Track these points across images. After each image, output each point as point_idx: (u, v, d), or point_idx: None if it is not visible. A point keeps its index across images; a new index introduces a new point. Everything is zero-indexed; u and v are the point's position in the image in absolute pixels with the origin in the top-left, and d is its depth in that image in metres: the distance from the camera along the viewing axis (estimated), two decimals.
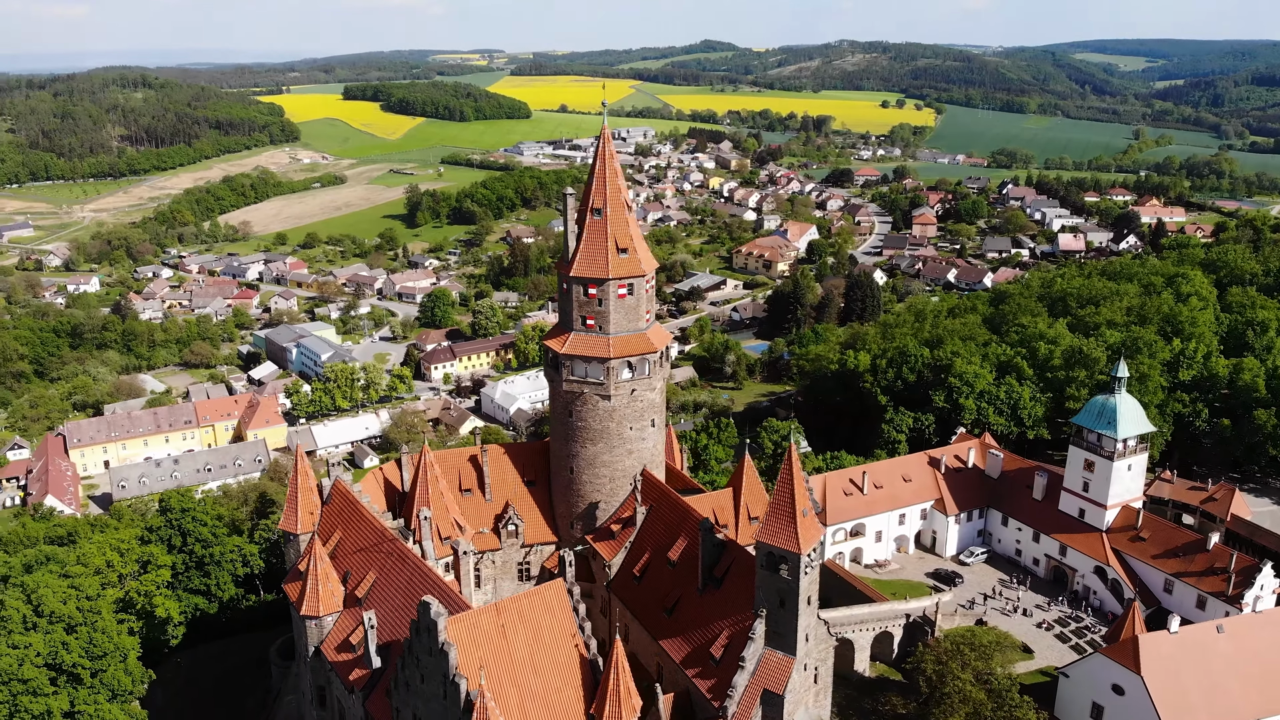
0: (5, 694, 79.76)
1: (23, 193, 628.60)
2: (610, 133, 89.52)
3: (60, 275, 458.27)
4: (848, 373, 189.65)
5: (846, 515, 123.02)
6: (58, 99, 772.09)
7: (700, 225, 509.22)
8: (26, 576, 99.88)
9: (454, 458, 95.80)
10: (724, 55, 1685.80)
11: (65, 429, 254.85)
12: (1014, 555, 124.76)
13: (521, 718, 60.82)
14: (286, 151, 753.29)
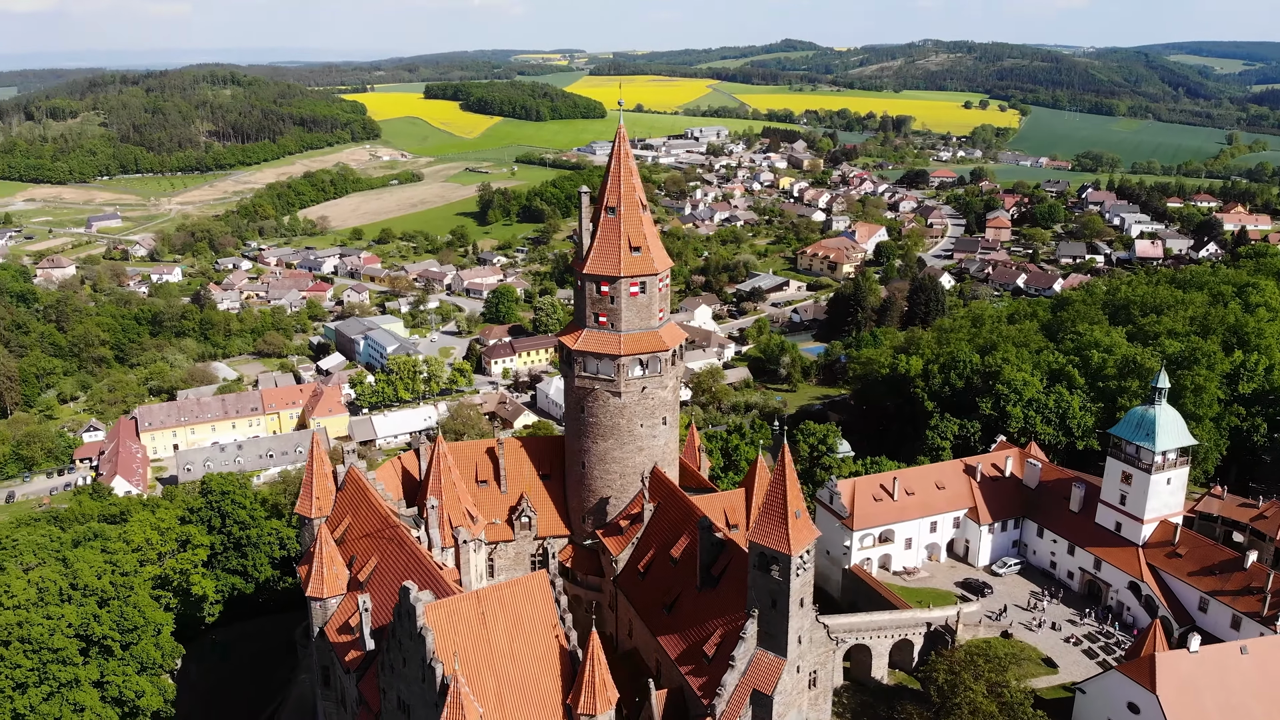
0: (35, 661, 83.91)
1: (113, 185, 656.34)
2: (624, 137, 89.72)
3: (145, 265, 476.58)
4: (899, 377, 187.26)
5: (875, 521, 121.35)
6: (150, 95, 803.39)
7: (767, 225, 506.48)
8: (69, 550, 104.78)
9: (472, 449, 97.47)
10: (804, 55, 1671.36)
11: (137, 412, 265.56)
12: (1048, 568, 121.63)
13: (498, 704, 61.91)
14: (367, 149, 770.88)
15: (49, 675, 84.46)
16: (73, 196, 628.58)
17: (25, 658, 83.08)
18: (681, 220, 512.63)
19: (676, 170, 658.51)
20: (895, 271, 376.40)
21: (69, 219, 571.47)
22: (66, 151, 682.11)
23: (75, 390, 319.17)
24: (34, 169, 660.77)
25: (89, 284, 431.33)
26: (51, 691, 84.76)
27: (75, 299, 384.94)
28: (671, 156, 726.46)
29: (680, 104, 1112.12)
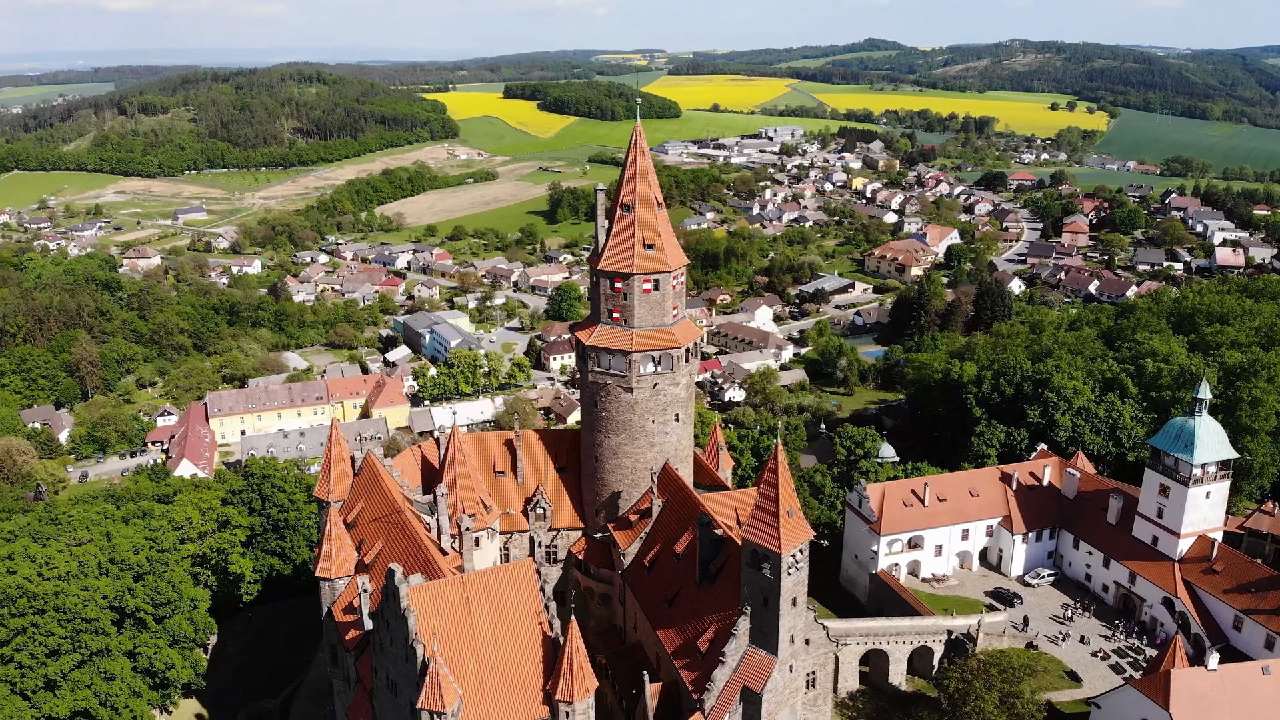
0: (68, 630, 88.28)
1: (200, 179, 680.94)
2: (641, 135, 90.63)
3: (226, 257, 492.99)
4: (951, 383, 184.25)
5: (903, 526, 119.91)
6: (239, 92, 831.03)
7: (837, 226, 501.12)
8: (113, 526, 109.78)
9: (491, 440, 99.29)
10: (887, 54, 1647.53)
11: (208, 398, 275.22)
12: (1083, 580, 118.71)
13: (479, 687, 63.28)
14: (445, 147, 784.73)
15: (81, 644, 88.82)
16: (161, 190, 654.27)
17: (59, 626, 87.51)
18: (749, 220, 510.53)
19: (747, 170, 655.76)
20: (965, 275, 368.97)
21: (157, 211, 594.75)
22: (157, 146, 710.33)
23: (154, 376, 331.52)
24: (125, 162, 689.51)
25: (172, 274, 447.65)
26: (83, 659, 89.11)
27: (158, 288, 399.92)
28: (744, 156, 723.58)
29: (757, 103, 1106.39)
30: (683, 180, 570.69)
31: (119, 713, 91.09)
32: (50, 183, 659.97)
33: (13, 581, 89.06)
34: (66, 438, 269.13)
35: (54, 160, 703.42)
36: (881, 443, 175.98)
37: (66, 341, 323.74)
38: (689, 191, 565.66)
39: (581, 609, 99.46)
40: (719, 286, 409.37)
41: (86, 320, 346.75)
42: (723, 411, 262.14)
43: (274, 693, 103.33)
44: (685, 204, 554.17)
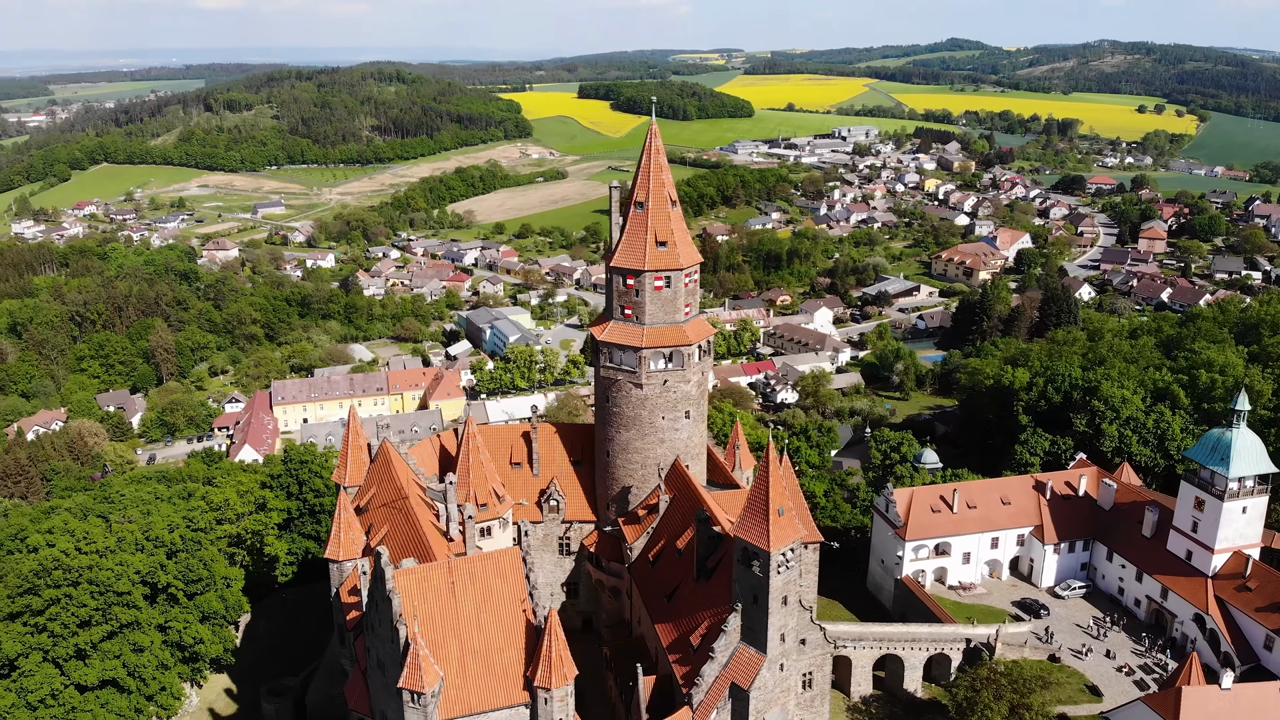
0: (100, 602, 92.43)
1: (280, 174, 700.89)
2: (656, 134, 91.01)
3: (301, 250, 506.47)
4: (1003, 389, 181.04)
5: (929, 532, 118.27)
6: (321, 90, 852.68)
7: (906, 228, 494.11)
8: (154, 505, 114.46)
9: (509, 433, 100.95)
10: (970, 54, 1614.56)
11: (272, 387, 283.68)
12: (1116, 594, 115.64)
13: (461, 671, 64.71)
14: (518, 146, 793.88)
15: (112, 616, 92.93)
16: (242, 184, 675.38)
17: (91, 598, 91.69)
18: (815, 220, 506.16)
19: (817, 170, 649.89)
20: (1034, 280, 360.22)
21: (237, 205, 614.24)
22: (240, 142, 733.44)
23: (226, 364, 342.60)
24: (209, 157, 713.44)
25: (249, 266, 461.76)
26: (113, 631, 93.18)
27: (234, 280, 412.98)
28: (815, 156, 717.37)
29: (833, 103, 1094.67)
30: (749, 180, 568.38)
31: (146, 683, 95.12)
32: (137, 176, 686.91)
33: (50, 554, 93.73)
34: (138, 421, 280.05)
35: (141, 154, 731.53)
36: (925, 448, 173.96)
37: (144, 329, 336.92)
38: (755, 191, 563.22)
39: (593, 601, 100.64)
40: (780, 287, 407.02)
41: (164, 309, 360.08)
42: (773, 413, 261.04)
43: (297, 671, 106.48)
44: (750, 204, 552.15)
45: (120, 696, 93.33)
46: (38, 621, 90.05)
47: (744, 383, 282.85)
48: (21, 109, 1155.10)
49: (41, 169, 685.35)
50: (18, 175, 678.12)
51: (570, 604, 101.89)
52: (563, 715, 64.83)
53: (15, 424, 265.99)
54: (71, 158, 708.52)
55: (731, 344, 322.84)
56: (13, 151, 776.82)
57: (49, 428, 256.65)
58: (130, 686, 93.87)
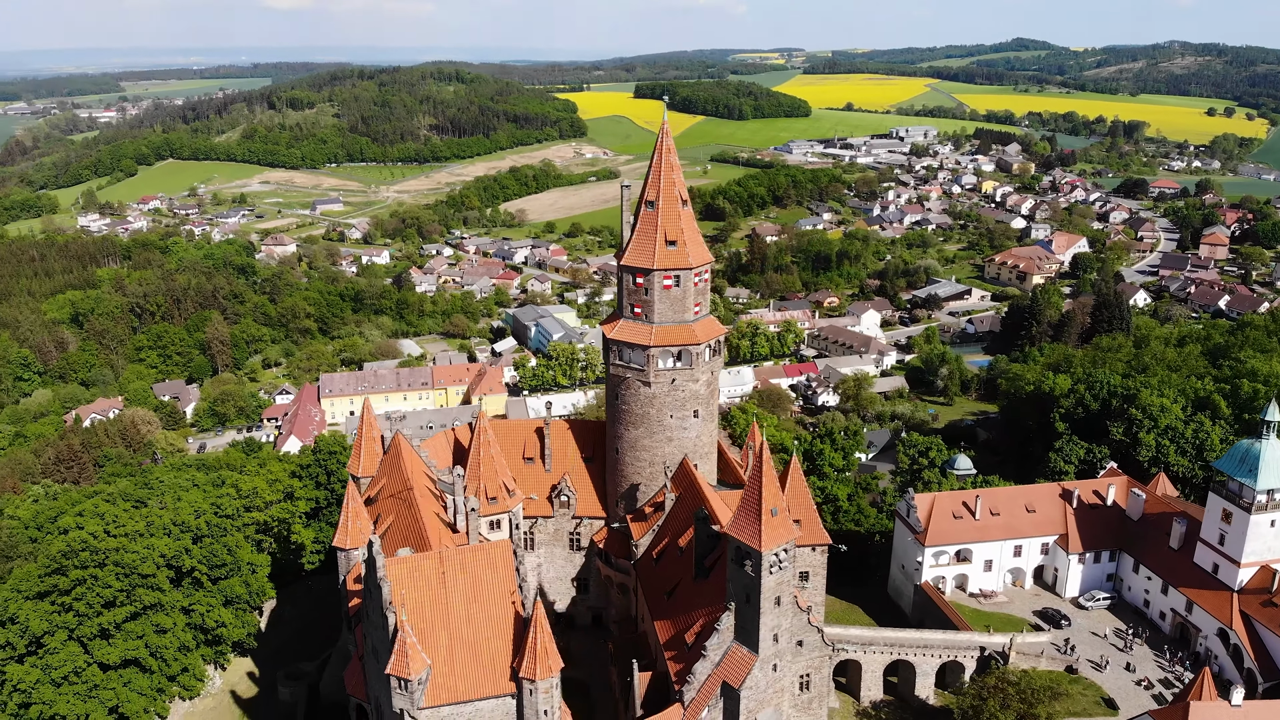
0: (124, 583, 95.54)
1: (339, 171, 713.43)
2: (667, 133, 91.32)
3: (357, 247, 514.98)
4: (1043, 396, 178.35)
5: (950, 538, 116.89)
6: (382, 89, 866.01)
7: (961, 230, 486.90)
8: (185, 491, 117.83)
9: (523, 427, 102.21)
10: (1036, 54, 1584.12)
11: (321, 379, 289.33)
12: (1141, 606, 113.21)
13: (449, 660, 65.78)
14: (573, 146, 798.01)
15: (136, 597, 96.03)
16: (303, 181, 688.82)
17: (116, 579, 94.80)
18: (868, 222, 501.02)
19: (872, 170, 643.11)
20: (1088, 285, 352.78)
21: (297, 201, 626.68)
22: (301, 139, 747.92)
23: (279, 357, 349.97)
24: (271, 154, 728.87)
25: (305, 262, 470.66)
26: (136, 612, 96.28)
27: (290, 274, 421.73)
28: (870, 156, 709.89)
29: (893, 103, 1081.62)
30: (801, 180, 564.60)
31: (168, 664, 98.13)
32: (201, 172, 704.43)
33: (78, 536, 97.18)
34: (191, 411, 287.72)
35: (206, 150, 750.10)
36: (958, 454, 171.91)
37: (201, 321, 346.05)
38: (806, 192, 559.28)
39: (603, 597, 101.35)
40: (828, 289, 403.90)
41: (221, 302, 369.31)
42: (812, 415, 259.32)
43: (316, 657, 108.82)
44: (802, 204, 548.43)
45: (142, 676, 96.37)
46: (64, 601, 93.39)
47: (785, 384, 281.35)
48: (93, 105, 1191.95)
49: (109, 164, 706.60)
50: (86, 170, 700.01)
51: (581, 599, 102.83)
52: (547, 707, 65.58)
53: (74, 411, 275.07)
54: (138, 153, 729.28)
55: (775, 345, 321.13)
56: (82, 146, 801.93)
57: (106, 415, 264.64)
58: (152, 666, 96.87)
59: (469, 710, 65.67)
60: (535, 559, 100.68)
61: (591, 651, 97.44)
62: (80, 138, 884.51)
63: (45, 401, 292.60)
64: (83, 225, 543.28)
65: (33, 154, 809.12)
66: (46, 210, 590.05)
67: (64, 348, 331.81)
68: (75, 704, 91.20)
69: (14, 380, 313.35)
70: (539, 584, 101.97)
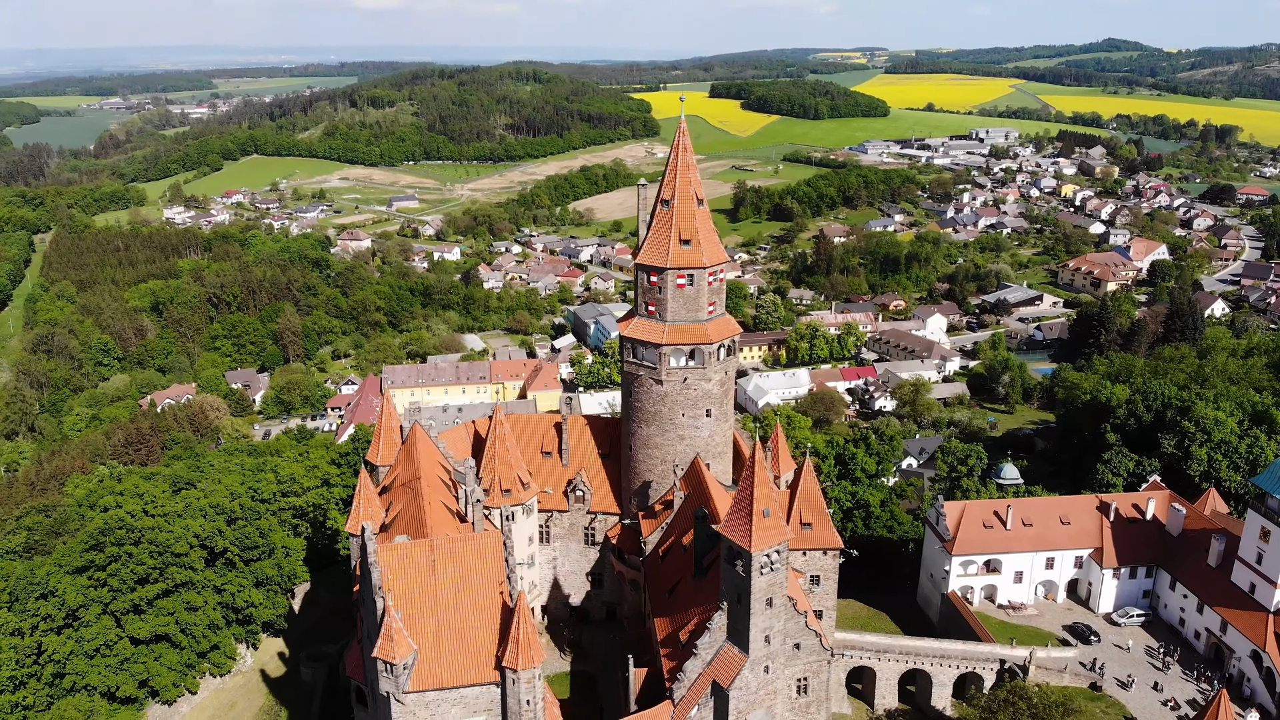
0: (158, 561, 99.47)
1: (416, 169, 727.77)
2: (684, 132, 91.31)
3: (430, 243, 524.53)
4: (1099, 405, 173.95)
5: (978, 548, 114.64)
6: (461, 89, 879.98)
7: (1037, 235, 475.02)
8: (226, 475, 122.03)
9: (542, 422, 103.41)
10: (1127, 55, 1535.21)
11: (384, 371, 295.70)
12: (1176, 624, 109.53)
13: (435, 646, 67.08)
14: (644, 146, 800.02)
15: (168, 575, 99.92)
16: (380, 178, 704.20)
17: (150, 557, 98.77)
18: (941, 224, 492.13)
19: (948, 172, 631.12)
20: (1164, 294, 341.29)
21: (374, 198, 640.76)
22: (380, 137, 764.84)
23: (349, 348, 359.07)
24: (350, 151, 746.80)
25: (379, 257, 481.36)
26: (168, 589, 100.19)
27: (362, 269, 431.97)
28: (948, 158, 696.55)
29: (976, 103, 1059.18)
30: (873, 181, 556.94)
31: (197, 640, 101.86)
32: (284, 167, 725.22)
33: (115, 515, 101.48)
34: (260, 399, 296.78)
35: (289, 147, 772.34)
36: (1005, 463, 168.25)
37: (275, 312, 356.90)
38: (878, 192, 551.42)
39: (617, 592, 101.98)
40: (895, 292, 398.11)
41: (294, 294, 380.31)
42: (867, 420, 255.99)
43: (341, 639, 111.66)
44: (873, 205, 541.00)
45: (172, 651, 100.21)
46: (100, 576, 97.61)
47: (842, 388, 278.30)
48: (186, 101, 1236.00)
49: (196, 158, 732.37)
50: (174, 164, 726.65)
51: (595, 594, 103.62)
52: (529, 697, 66.44)
53: (149, 396, 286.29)
54: (224, 148, 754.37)
55: (834, 348, 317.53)
56: (172, 141, 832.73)
57: (178, 401, 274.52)
58: (182, 642, 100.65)
59: (453, 697, 66.95)
60: (551, 552, 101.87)
61: (603, 646, 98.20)
62: (171, 133, 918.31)
63: (123, 386, 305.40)
64: (168, 217, 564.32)
65: (125, 148, 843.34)
66: (134, 202, 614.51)
67: (143, 335, 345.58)
68: (107, 675, 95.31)
69: (95, 365, 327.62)
70: (554, 577, 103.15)
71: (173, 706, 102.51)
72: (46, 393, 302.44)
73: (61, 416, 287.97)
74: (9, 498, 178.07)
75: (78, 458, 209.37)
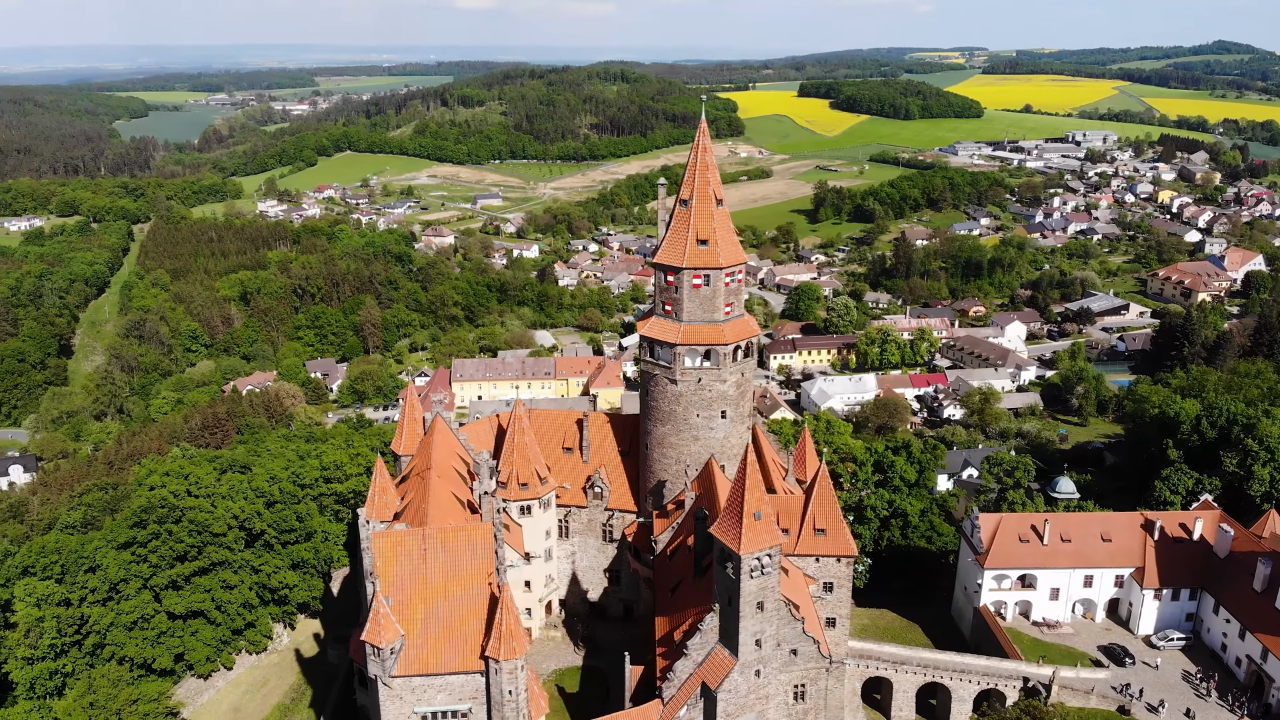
0: (197, 540, 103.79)
1: (502, 168, 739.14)
2: (704, 132, 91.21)
3: (510, 241, 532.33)
4: (1166, 420, 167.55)
5: (1011, 562, 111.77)
6: (549, 88, 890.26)
7: (1129, 242, 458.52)
8: (269, 460, 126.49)
9: (565, 418, 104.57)
10: (1238, 58, 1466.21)
11: (453, 364, 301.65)
12: (1218, 650, 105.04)
13: (423, 632, 68.68)
14: (728, 145, 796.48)
15: (206, 554, 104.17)
16: (467, 176, 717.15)
17: (189, 535, 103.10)
18: (1028, 229, 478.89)
19: (1039, 175, 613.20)
20: (1258, 306, 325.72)
21: (460, 195, 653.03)
22: (468, 136, 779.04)
23: (426, 341, 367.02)
24: (439, 149, 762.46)
25: (460, 253, 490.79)
26: (205, 567, 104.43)
27: (443, 264, 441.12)
28: (1041, 161, 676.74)
29: (1076, 105, 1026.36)
30: (959, 183, 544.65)
31: (231, 618, 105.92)
32: (375, 164, 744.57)
33: (159, 494, 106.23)
34: (336, 388, 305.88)
35: (381, 144, 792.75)
36: (1062, 476, 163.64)
37: (356, 304, 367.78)
38: (964, 195, 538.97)
39: (634, 589, 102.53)
40: (975, 297, 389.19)
41: (376, 287, 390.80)
42: (933, 429, 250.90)
43: None
44: (958, 208, 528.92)
45: (208, 627, 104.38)
46: (141, 552, 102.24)
47: (910, 395, 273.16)
48: (288, 98, 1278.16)
49: (292, 154, 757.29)
50: (271, 159, 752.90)
51: (613, 590, 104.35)
52: (511, 687, 67.49)
53: (231, 383, 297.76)
54: (319, 144, 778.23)
55: (906, 353, 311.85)
56: (270, 137, 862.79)
57: (260, 388, 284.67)
58: (217, 619, 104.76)
59: (439, 683, 68.51)
60: (569, 547, 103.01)
61: (618, 642, 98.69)
62: (272, 128, 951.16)
63: (208, 372, 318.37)
64: (261, 210, 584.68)
65: (227, 142, 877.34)
66: (231, 195, 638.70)
67: (230, 323, 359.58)
68: (144, 648, 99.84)
69: (183, 350, 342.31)
70: (573, 572, 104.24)
71: (208, 680, 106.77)
72: (136, 376, 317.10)
73: (149, 400, 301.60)
74: (87, 475, 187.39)
75: (155, 439, 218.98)
